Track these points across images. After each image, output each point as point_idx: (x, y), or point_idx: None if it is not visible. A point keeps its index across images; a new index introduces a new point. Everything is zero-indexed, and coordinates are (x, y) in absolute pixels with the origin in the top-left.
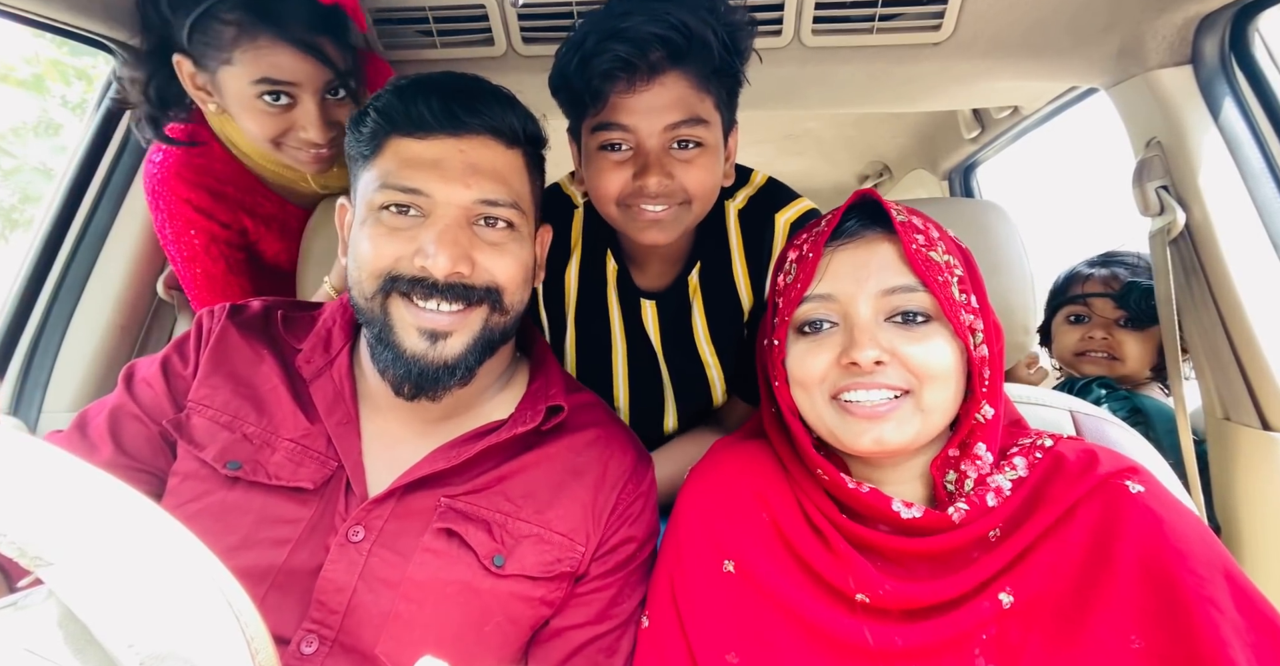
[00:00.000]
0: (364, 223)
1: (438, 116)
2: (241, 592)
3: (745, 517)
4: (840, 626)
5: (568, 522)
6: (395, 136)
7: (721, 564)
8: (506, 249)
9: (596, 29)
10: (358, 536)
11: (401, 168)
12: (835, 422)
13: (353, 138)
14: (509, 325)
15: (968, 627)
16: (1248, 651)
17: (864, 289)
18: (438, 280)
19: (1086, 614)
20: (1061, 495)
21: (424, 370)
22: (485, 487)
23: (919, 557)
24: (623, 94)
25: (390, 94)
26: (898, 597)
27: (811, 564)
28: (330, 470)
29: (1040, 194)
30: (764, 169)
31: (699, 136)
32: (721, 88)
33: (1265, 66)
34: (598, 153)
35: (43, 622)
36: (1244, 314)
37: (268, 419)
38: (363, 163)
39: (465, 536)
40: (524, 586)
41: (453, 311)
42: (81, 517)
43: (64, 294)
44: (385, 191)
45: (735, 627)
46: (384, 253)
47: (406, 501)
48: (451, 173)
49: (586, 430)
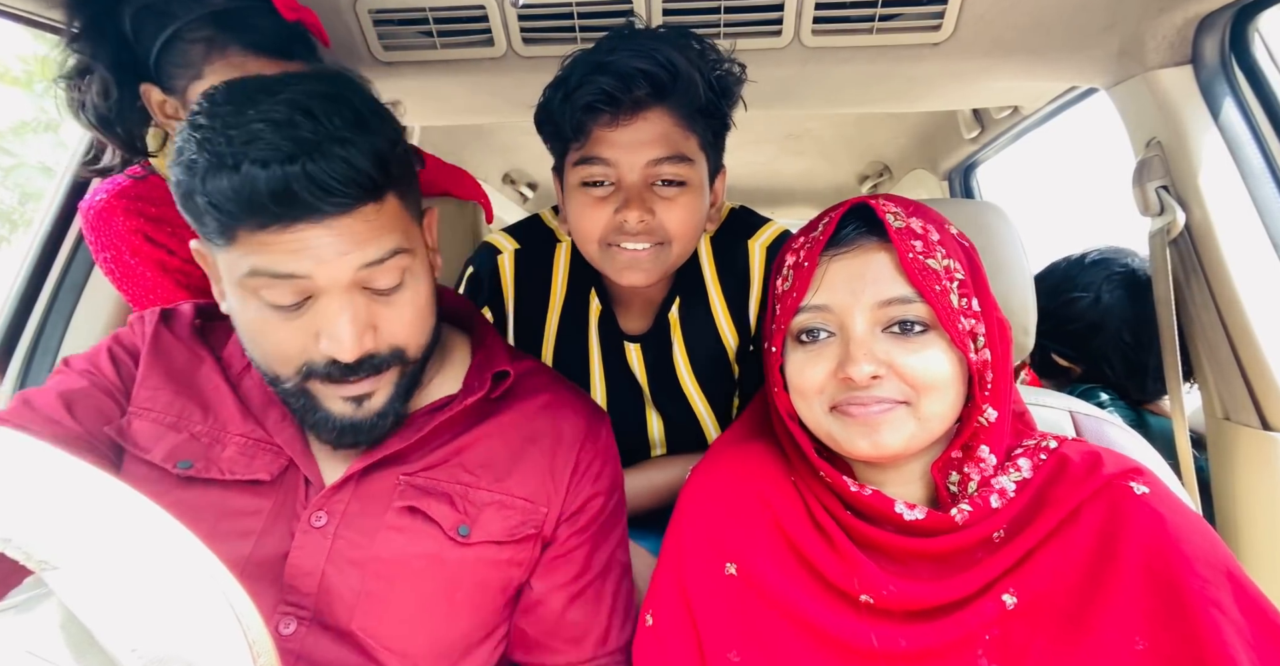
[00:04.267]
0: (244, 303)
1: (287, 209)
2: (244, 595)
3: (748, 519)
4: (844, 627)
5: (527, 487)
6: (244, 231)
7: (724, 566)
8: (402, 304)
9: (582, 64)
10: (320, 521)
11: (267, 258)
12: (834, 428)
13: (195, 223)
14: (421, 363)
15: (972, 628)
16: (1251, 653)
17: (860, 300)
18: (350, 361)
19: (1090, 615)
20: (1066, 497)
21: (357, 426)
22: (442, 462)
23: (922, 558)
24: (605, 128)
25: (220, 165)
26: (902, 598)
27: (816, 565)
28: (285, 460)
29: (1040, 194)
30: (764, 169)
31: (682, 175)
32: (708, 129)
33: (1265, 66)
34: (579, 189)
35: (45, 625)
36: (1244, 314)
37: (214, 417)
38: (215, 246)
39: (428, 511)
40: (491, 551)
41: (368, 377)
42: (87, 521)
43: (64, 294)
44: (258, 279)
45: (737, 628)
46: (284, 344)
47: (365, 484)
48: (325, 252)
49: (537, 395)
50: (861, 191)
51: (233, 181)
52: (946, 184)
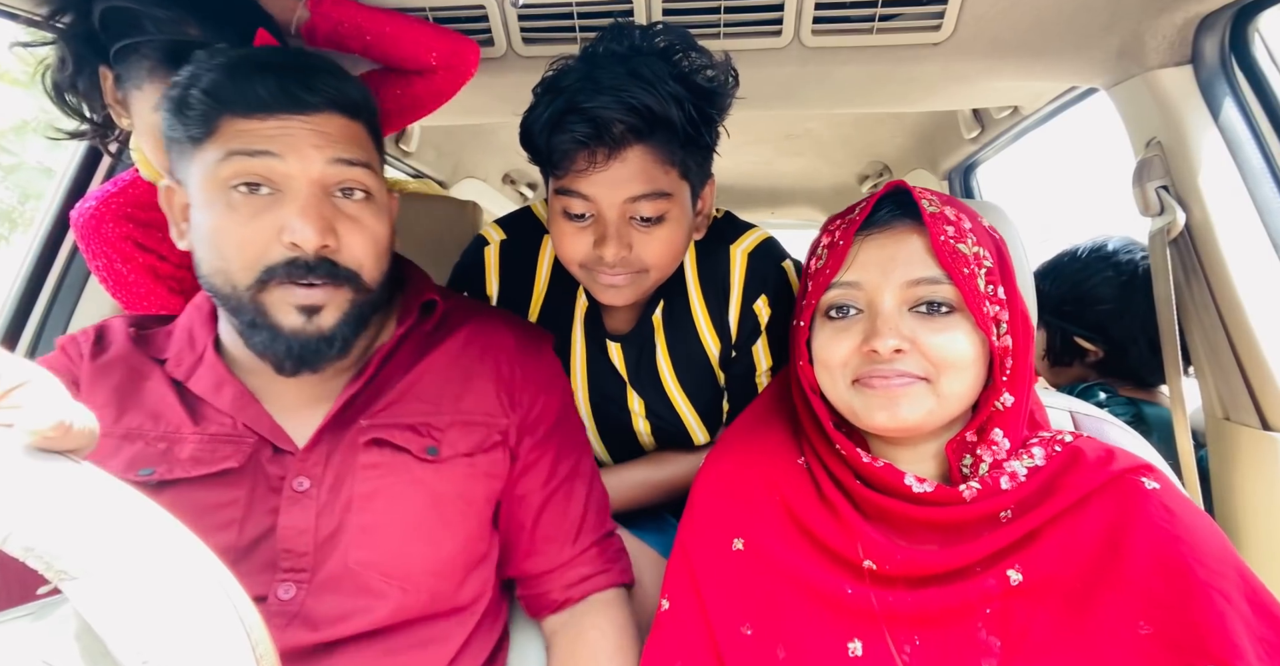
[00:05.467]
0: (210, 205)
1: (275, 95)
2: (254, 611)
3: (756, 500)
4: (845, 591)
5: (484, 404)
6: (229, 117)
7: (731, 543)
8: (365, 224)
9: (562, 94)
10: (303, 486)
11: (246, 140)
12: (855, 401)
13: (175, 121)
14: (375, 298)
15: (970, 599)
16: (1256, 645)
17: (890, 279)
18: (309, 257)
19: (1095, 598)
20: (1076, 486)
21: (305, 343)
22: (398, 400)
23: (928, 527)
24: (581, 169)
25: (218, 72)
26: (904, 564)
27: (818, 535)
28: (250, 444)
29: (1040, 194)
30: (763, 169)
31: (660, 209)
32: (689, 157)
33: (1265, 66)
34: (561, 215)
35: (60, 634)
36: (1244, 314)
37: (165, 423)
38: (193, 145)
39: (393, 439)
40: (463, 465)
41: (323, 286)
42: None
43: (64, 294)
44: (234, 160)
45: (748, 601)
46: (248, 239)
47: (335, 439)
48: (300, 141)
49: (469, 321)
50: (861, 192)
51: (232, 78)
52: (946, 184)
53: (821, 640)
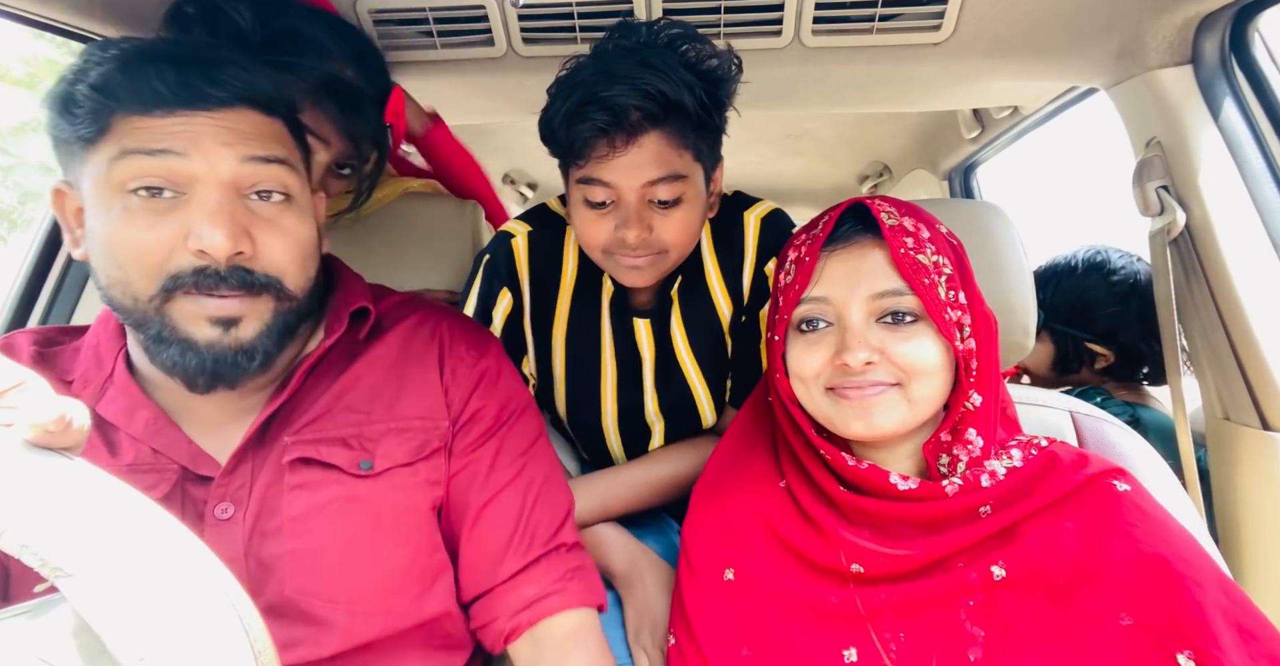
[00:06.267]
0: (108, 211)
1: (174, 89)
2: (250, 605)
3: (743, 530)
4: (833, 598)
5: (422, 406)
6: (123, 114)
7: (723, 573)
8: (283, 226)
9: (579, 88)
10: (226, 513)
11: (142, 137)
12: (830, 410)
13: (62, 121)
14: (302, 305)
15: (953, 590)
16: (1232, 631)
17: (856, 292)
18: (220, 265)
19: (1077, 592)
20: (1052, 488)
21: (219, 357)
22: (325, 411)
23: (911, 524)
24: (601, 155)
25: (109, 65)
26: (888, 563)
27: (804, 552)
28: (174, 474)
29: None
30: (763, 169)
31: (677, 192)
32: (701, 140)
33: (1265, 66)
34: (582, 204)
35: (57, 632)
36: (1244, 314)
37: None
38: (83, 145)
39: (321, 457)
40: (402, 476)
41: (238, 296)
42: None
43: (64, 294)
44: (128, 160)
45: (743, 626)
46: (149, 247)
47: (259, 459)
48: (206, 138)
49: (408, 319)
50: (861, 192)
51: (125, 71)
52: (946, 184)
53: (817, 651)
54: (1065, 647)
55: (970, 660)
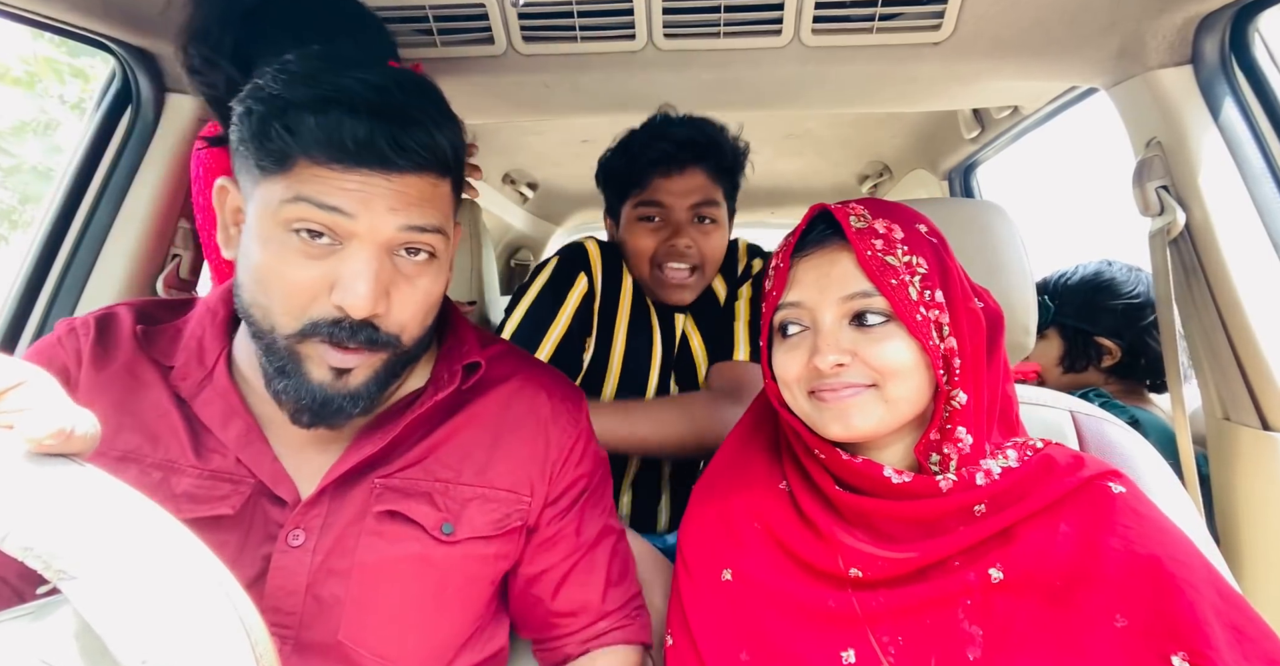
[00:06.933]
0: (267, 241)
1: (361, 148)
2: (253, 609)
3: (742, 531)
4: (831, 601)
5: (511, 477)
6: (305, 161)
7: (720, 574)
8: (421, 284)
9: (643, 134)
10: (298, 540)
11: (318, 188)
12: (812, 413)
13: (249, 144)
14: (412, 354)
15: (951, 591)
16: (1226, 631)
17: (826, 296)
18: (354, 321)
19: (1073, 594)
20: (1048, 490)
21: (327, 400)
22: (419, 460)
23: (907, 522)
24: (660, 179)
25: (305, 109)
26: (886, 565)
27: (802, 555)
28: (249, 488)
29: (1040, 194)
30: (763, 169)
31: (714, 214)
32: (729, 184)
33: (1265, 66)
34: (637, 222)
35: (59, 634)
36: (1244, 314)
37: (164, 449)
38: (260, 172)
39: (408, 513)
40: (478, 546)
41: (360, 351)
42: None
43: (64, 294)
44: (299, 206)
45: (741, 629)
46: (297, 288)
47: (342, 494)
48: (377, 202)
49: (509, 381)
50: (861, 192)
51: (318, 119)
52: (946, 184)
53: (815, 654)
54: (1062, 649)
55: (969, 659)
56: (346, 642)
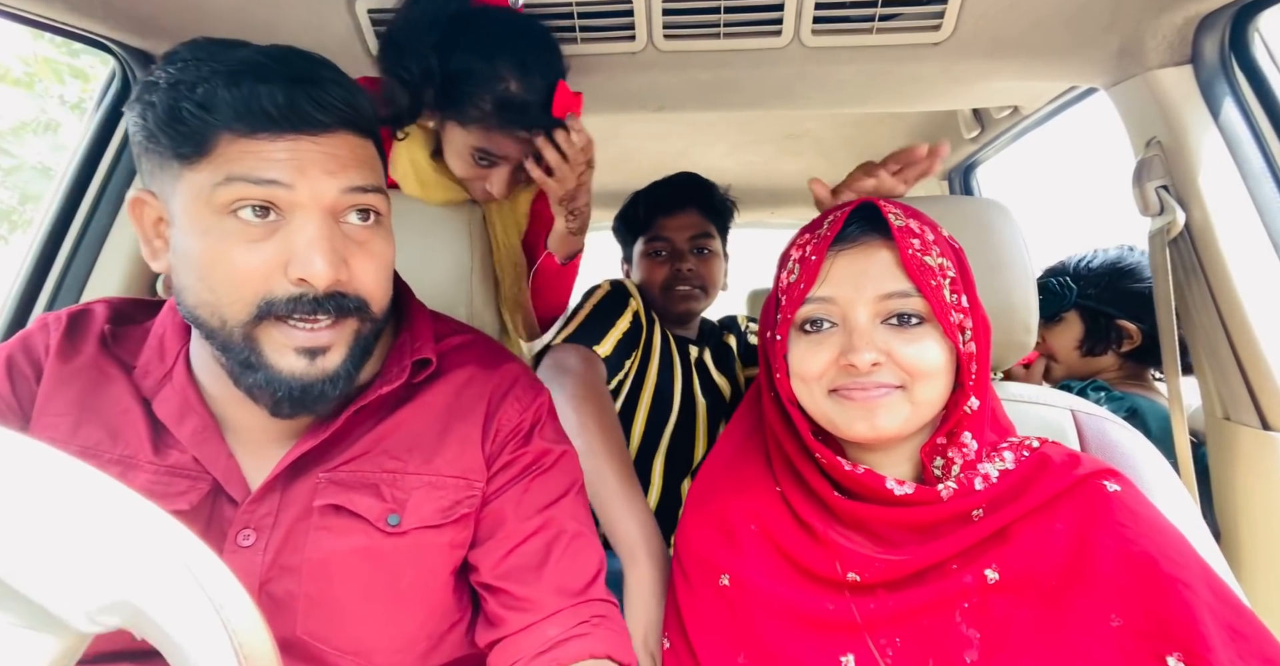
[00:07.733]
0: (205, 231)
1: (283, 112)
2: (194, 540)
3: (739, 535)
4: (829, 607)
5: (460, 464)
6: (228, 137)
7: (718, 579)
8: (374, 249)
9: (646, 188)
10: (248, 540)
11: (249, 163)
12: (833, 412)
13: (163, 136)
14: (379, 325)
15: (948, 594)
16: (1221, 631)
17: (863, 294)
18: (318, 293)
19: (1069, 594)
20: (1044, 488)
21: (306, 387)
22: (365, 452)
23: (905, 528)
24: (663, 218)
25: (215, 81)
26: (883, 569)
27: (799, 559)
28: (206, 485)
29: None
30: (763, 169)
31: (710, 245)
32: (720, 223)
33: (1265, 66)
34: (647, 257)
35: None
36: (1244, 314)
37: (123, 444)
38: (180, 162)
39: (350, 506)
40: (429, 536)
41: (330, 325)
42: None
43: (64, 294)
44: (233, 186)
45: (739, 633)
46: (247, 273)
47: (290, 489)
48: (312, 166)
49: (463, 368)
50: None
51: (232, 91)
52: (946, 184)
53: (814, 659)
54: (1058, 649)
55: (967, 662)
56: (307, 638)
